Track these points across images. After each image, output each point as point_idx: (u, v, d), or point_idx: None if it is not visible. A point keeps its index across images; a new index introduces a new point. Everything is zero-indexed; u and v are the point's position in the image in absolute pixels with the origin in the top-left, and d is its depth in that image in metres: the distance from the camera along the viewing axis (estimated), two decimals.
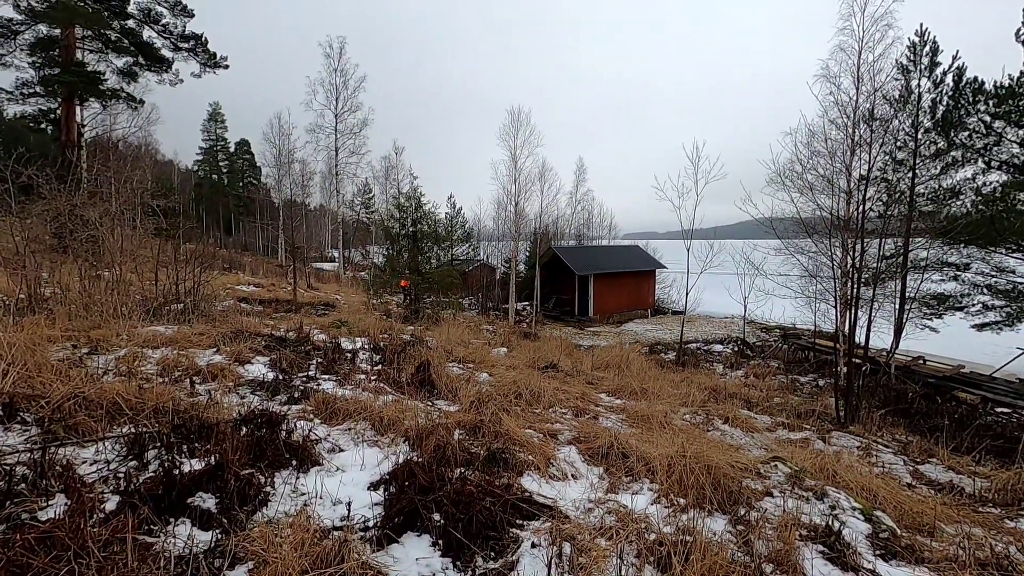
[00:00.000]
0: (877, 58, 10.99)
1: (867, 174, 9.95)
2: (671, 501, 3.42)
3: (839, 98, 11.69)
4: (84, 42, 21.52)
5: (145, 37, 22.71)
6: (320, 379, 5.50)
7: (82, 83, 19.70)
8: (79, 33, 20.83)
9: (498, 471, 3.57)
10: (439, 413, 4.72)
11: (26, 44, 20.26)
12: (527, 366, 8.86)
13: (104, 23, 19.82)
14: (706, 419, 7.17)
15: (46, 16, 18.72)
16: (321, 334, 8.88)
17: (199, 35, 23.34)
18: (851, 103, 11.09)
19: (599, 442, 4.20)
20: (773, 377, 12.92)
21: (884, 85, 12.57)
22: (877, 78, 11.36)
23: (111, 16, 21.46)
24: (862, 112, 11.13)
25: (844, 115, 11.28)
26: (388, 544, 2.58)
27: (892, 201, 15.95)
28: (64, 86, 20.01)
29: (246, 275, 25.74)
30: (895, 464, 6.50)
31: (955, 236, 15.80)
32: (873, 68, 11.30)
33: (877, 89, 11.18)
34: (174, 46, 23.24)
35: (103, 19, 19.60)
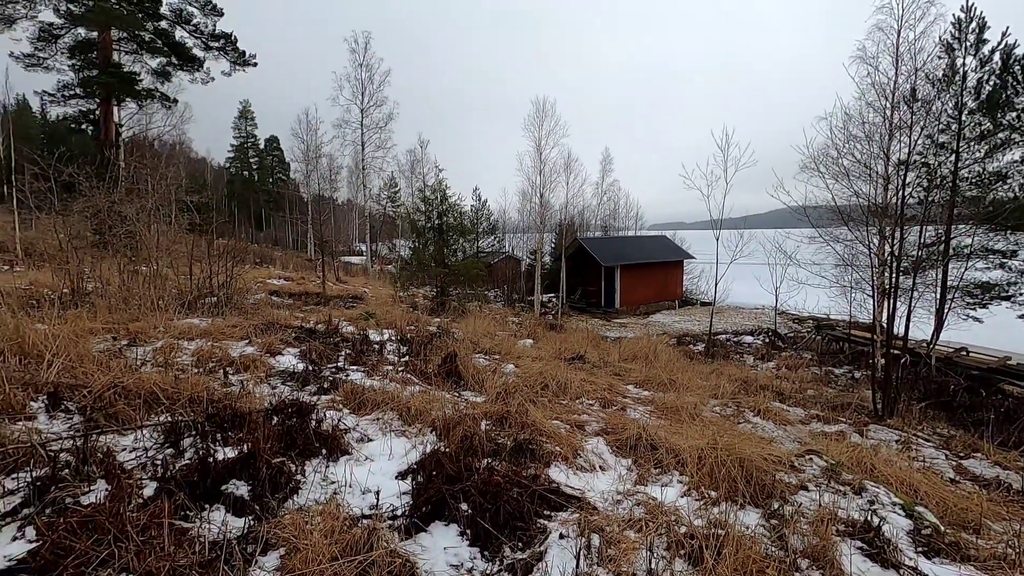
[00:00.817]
0: (918, 36, 10.49)
1: (907, 158, 9.55)
2: (702, 494, 3.35)
3: (876, 79, 11.22)
4: (120, 44, 22.18)
5: (177, 37, 23.26)
6: (348, 370, 5.57)
7: (119, 84, 20.31)
8: (115, 35, 21.47)
9: (525, 462, 3.55)
10: (465, 404, 4.73)
11: (66, 47, 20.99)
12: (553, 357, 8.82)
13: (139, 24, 20.36)
14: (736, 411, 7.02)
15: (84, 19, 19.33)
16: (349, 326, 9.00)
17: (228, 34, 23.79)
18: (889, 84, 10.63)
19: (627, 433, 4.15)
20: (806, 369, 12.60)
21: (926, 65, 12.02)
22: (918, 58, 10.87)
23: (145, 17, 22.03)
24: (902, 93, 10.66)
25: (882, 97, 10.83)
26: (416, 533, 2.59)
27: (933, 186, 15.31)
28: (102, 87, 20.67)
29: (276, 269, 26.29)
30: (937, 458, 6.26)
31: (1001, 222, 15.11)
32: (914, 47, 10.80)
33: (919, 69, 10.67)
34: (205, 45, 23.73)
35: (138, 20, 20.14)
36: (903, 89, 9.83)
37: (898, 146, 9.69)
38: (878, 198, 9.54)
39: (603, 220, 39.15)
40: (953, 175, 15.49)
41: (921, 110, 11.02)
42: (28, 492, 2.35)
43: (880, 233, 8.34)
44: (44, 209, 8.02)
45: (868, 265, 9.31)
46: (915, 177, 14.10)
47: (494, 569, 2.39)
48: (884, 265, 9.70)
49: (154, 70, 22.88)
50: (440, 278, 15.98)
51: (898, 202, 8.14)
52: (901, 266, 9.89)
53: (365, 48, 35.87)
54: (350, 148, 39.04)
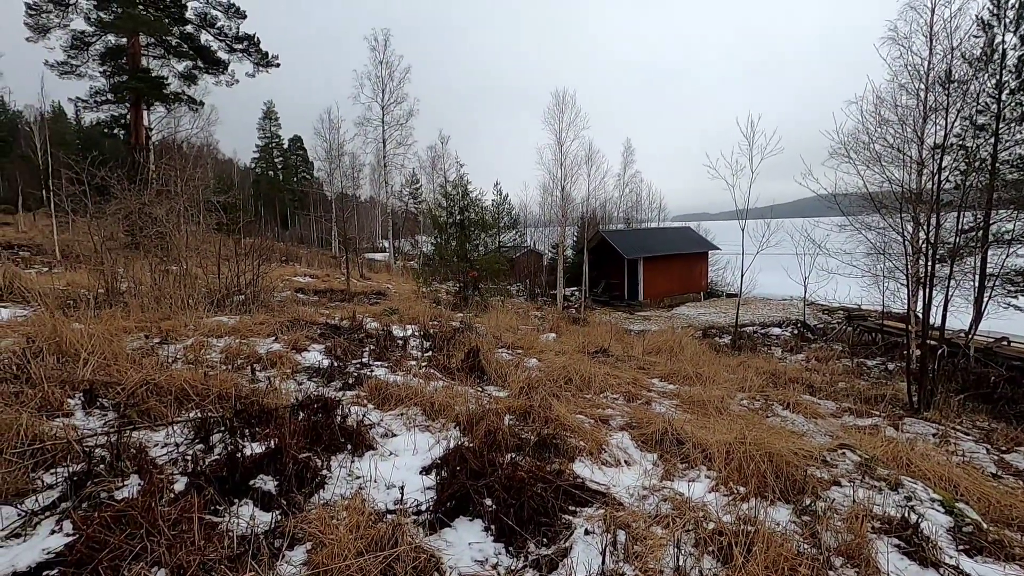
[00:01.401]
0: (954, 14, 10.05)
1: (943, 141, 9.18)
2: (730, 489, 3.29)
3: (909, 60, 10.79)
4: (148, 49, 22.73)
5: (202, 41, 23.75)
6: (373, 366, 5.62)
7: (148, 88, 20.83)
8: (143, 41, 22.00)
9: (549, 457, 3.53)
10: (489, 399, 4.73)
11: (96, 54, 21.61)
12: (576, 351, 8.76)
13: (165, 29, 20.82)
14: (765, 405, 6.88)
15: (113, 26, 19.86)
16: (373, 322, 9.09)
17: (252, 36, 24.17)
18: (923, 65, 10.21)
19: (652, 428, 4.09)
20: (837, 361, 12.28)
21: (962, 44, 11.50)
22: (954, 36, 10.40)
23: (171, 22, 22.52)
24: (936, 74, 10.23)
25: (916, 79, 10.41)
26: (441, 528, 2.60)
27: (971, 170, 14.73)
28: (131, 92, 21.24)
29: (302, 267, 26.73)
30: (976, 453, 6.04)
31: None
32: (949, 25, 10.35)
33: (955, 47, 10.21)
34: (229, 48, 24.17)
35: (164, 25, 20.59)
36: (938, 70, 9.44)
37: (933, 129, 9.32)
38: (912, 184, 9.20)
39: (625, 212, 38.74)
40: (992, 158, 14.86)
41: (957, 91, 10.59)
42: (66, 487, 2.43)
43: (914, 220, 8.04)
44: (79, 212, 8.26)
45: (901, 253, 8.99)
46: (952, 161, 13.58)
47: (519, 565, 2.38)
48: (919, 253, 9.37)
49: (181, 74, 23.39)
50: (463, 273, 16.03)
51: (934, 187, 7.82)
52: (937, 254, 9.56)
53: (385, 46, 36.03)
54: (372, 146, 39.38)
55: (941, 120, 9.31)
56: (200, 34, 23.82)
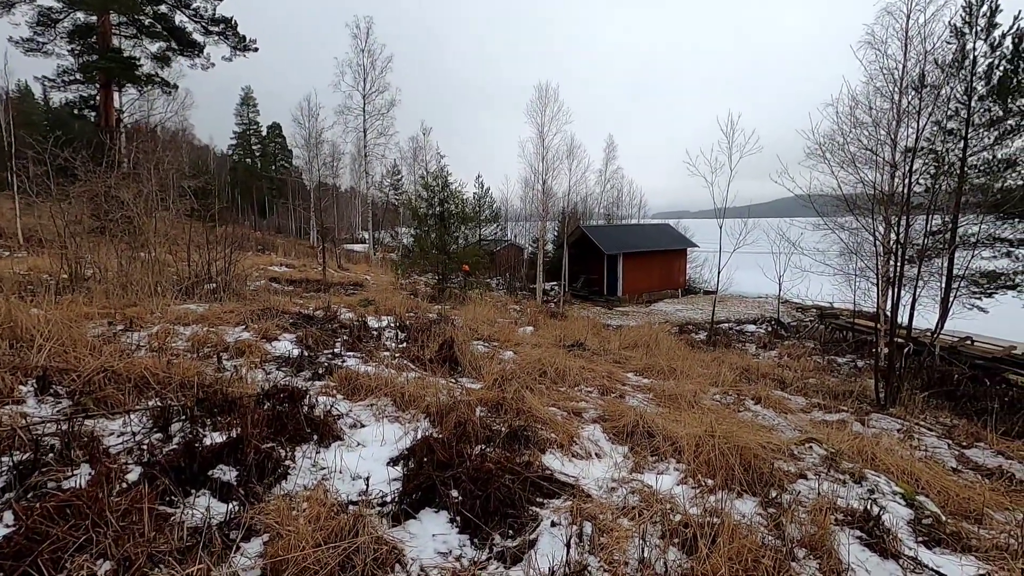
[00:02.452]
0: (928, 19, 10.22)
1: (914, 144, 9.37)
2: (698, 482, 3.30)
3: (885, 64, 10.97)
4: (120, 29, 21.97)
5: (177, 22, 23.03)
6: (345, 356, 5.53)
7: (119, 69, 20.15)
8: (114, 20, 21.25)
9: (519, 448, 3.51)
10: (462, 390, 4.68)
11: (65, 32, 20.81)
12: (553, 345, 8.77)
13: (137, 8, 20.16)
14: (737, 399, 6.97)
15: (82, 3, 19.13)
16: (348, 312, 8.96)
17: (229, 18, 23.53)
18: (898, 68, 10.40)
19: (624, 420, 4.09)
20: (808, 358, 12.52)
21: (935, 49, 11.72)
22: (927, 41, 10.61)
23: (144, 1, 21.80)
24: (910, 79, 10.42)
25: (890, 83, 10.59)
26: (405, 520, 2.55)
27: (940, 173, 15.11)
28: (101, 72, 20.51)
29: (279, 256, 26.28)
30: (939, 448, 6.20)
31: (1009, 210, 14.91)
32: (923, 31, 10.55)
33: (928, 52, 10.40)
34: (205, 30, 23.49)
35: (136, 4, 19.92)
36: (912, 74, 9.62)
37: (906, 132, 9.50)
38: (884, 185, 9.39)
39: (606, 208, 38.91)
40: (961, 162, 15.27)
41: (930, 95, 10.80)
42: (10, 476, 2.32)
43: (885, 221, 8.20)
44: (41, 195, 7.96)
45: (873, 253, 9.19)
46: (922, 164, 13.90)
47: (483, 556, 2.35)
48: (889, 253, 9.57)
49: (154, 55, 22.69)
50: (442, 265, 15.91)
51: (904, 189, 7.98)
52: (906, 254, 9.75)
53: (367, 34, 35.44)
54: (352, 135, 38.77)
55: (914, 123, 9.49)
56: (175, 15, 23.10)
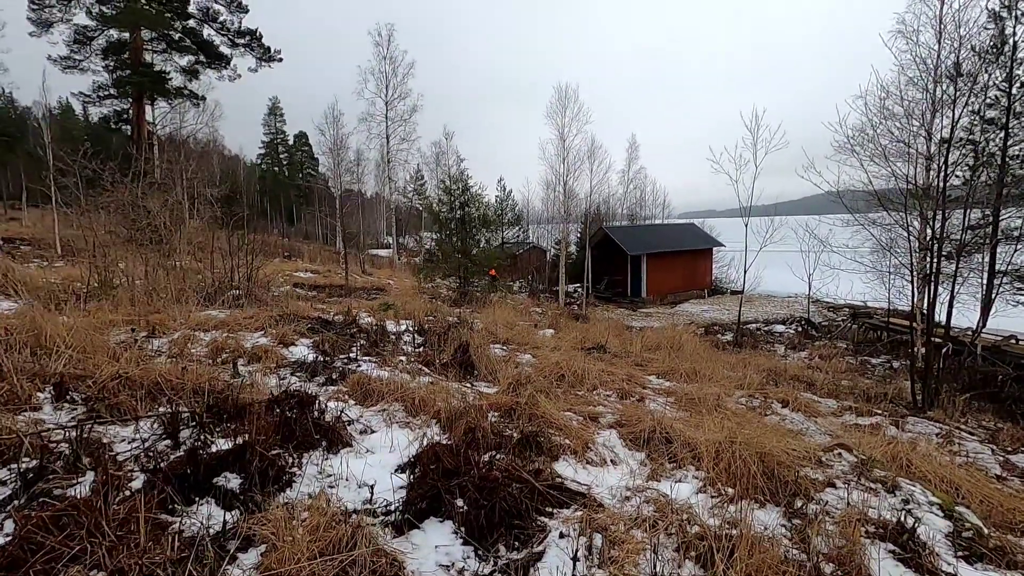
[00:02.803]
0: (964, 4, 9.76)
1: (950, 135, 8.94)
2: (718, 490, 3.16)
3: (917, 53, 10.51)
4: (151, 44, 22.71)
5: (204, 36, 23.70)
6: (361, 361, 5.52)
7: (150, 83, 20.81)
8: (146, 36, 21.98)
9: (531, 455, 3.41)
10: (475, 395, 4.61)
11: (99, 49, 21.60)
12: (573, 347, 8.64)
13: (167, 24, 20.79)
14: (763, 403, 6.73)
15: (115, 20, 19.83)
16: (368, 317, 9.00)
17: (254, 30, 24.11)
18: (932, 56, 9.95)
19: (641, 426, 3.96)
20: (840, 359, 12.10)
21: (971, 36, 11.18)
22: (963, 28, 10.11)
23: (173, 17, 22.49)
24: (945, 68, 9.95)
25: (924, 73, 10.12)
26: (409, 530, 2.48)
27: (980, 164, 14.44)
28: (133, 86, 21.23)
29: (304, 262, 26.73)
30: (981, 453, 5.87)
31: None
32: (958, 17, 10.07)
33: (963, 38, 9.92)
34: (231, 42, 24.11)
35: (166, 20, 20.56)
36: (946, 63, 9.19)
37: (940, 123, 9.09)
38: (919, 178, 8.99)
39: (629, 208, 38.48)
40: (1002, 152, 14.57)
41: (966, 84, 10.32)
42: (16, 485, 2.33)
43: (921, 216, 7.83)
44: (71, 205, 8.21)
45: (907, 250, 8.79)
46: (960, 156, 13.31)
47: (487, 569, 2.26)
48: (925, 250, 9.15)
49: (183, 68, 23.35)
50: (463, 269, 15.91)
51: (939, 183, 7.61)
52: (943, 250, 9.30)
53: (389, 41, 35.87)
54: (375, 141, 39.27)
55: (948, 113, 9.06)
56: (202, 29, 23.79)
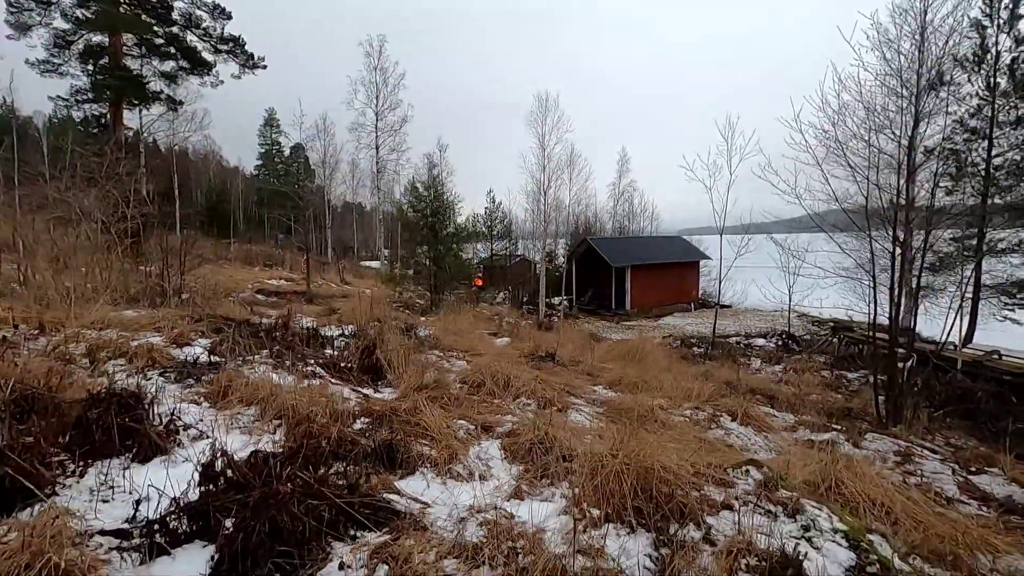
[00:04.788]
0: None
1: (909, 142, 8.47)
2: (583, 512, 2.67)
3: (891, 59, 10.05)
4: (132, 49, 22.50)
5: (187, 42, 23.50)
6: (258, 362, 5.05)
7: (126, 86, 20.55)
8: (126, 40, 21.78)
9: (380, 468, 2.94)
10: (360, 399, 4.14)
11: (78, 53, 21.38)
12: (522, 356, 8.18)
13: (145, 28, 20.60)
14: (711, 416, 6.24)
15: (92, 23, 19.63)
16: (309, 321, 8.59)
17: (237, 37, 23.91)
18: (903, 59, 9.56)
19: (525, 437, 3.48)
20: (816, 373, 11.60)
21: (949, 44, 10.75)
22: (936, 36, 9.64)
23: (157, 23, 22.34)
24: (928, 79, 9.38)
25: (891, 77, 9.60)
26: (157, 556, 2.01)
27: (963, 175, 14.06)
28: (112, 90, 20.96)
29: (284, 271, 26.35)
30: (940, 474, 5.37)
31: None
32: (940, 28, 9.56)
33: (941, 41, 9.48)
34: (214, 49, 23.90)
35: (144, 24, 20.37)
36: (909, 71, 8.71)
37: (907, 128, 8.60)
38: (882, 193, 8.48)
39: (619, 222, 38.11)
40: (987, 163, 14.21)
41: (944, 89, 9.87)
42: None
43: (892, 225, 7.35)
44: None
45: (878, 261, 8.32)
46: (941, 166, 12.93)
47: None
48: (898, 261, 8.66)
49: (162, 73, 23.15)
50: (434, 278, 15.49)
51: (904, 184, 7.16)
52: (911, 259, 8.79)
53: (380, 51, 35.83)
54: (365, 151, 39.10)
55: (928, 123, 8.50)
56: (185, 35, 23.61)
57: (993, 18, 13.85)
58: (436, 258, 15.55)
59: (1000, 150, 14.08)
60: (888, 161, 6.83)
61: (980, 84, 13.87)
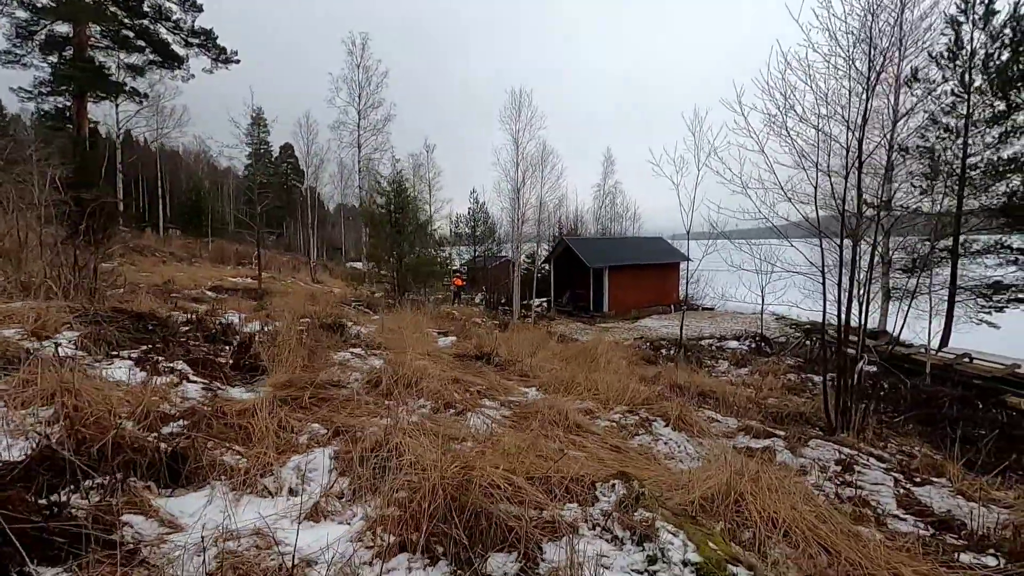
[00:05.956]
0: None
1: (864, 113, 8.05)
2: (376, 538, 2.17)
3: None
4: (99, 41, 21.94)
5: (158, 34, 22.96)
6: (121, 357, 4.53)
7: (88, 76, 19.98)
8: (92, 32, 21.21)
9: (165, 479, 2.44)
10: (207, 397, 3.63)
11: (41, 44, 20.79)
12: (458, 355, 7.70)
13: (107, 17, 20.04)
14: (641, 420, 5.76)
15: (52, 12, 19.07)
16: (235, 316, 8.11)
17: (208, 30, 23.39)
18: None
19: (365, 444, 2.98)
20: (783, 376, 11.14)
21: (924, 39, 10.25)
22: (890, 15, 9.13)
23: (127, 14, 21.80)
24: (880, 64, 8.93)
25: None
26: None
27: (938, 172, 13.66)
28: (76, 83, 20.38)
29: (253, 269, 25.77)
30: (881, 485, 4.89)
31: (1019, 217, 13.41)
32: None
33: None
34: (185, 42, 23.38)
35: (107, 14, 19.82)
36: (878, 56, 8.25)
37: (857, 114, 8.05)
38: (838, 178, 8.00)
39: (604, 223, 37.66)
40: (962, 161, 13.82)
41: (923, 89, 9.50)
42: None
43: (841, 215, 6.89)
44: None
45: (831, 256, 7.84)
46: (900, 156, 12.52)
47: None
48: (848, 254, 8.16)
49: (127, 65, 22.60)
50: (397, 275, 14.99)
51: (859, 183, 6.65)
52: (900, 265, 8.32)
53: (363, 49, 35.31)
54: (348, 150, 38.53)
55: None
56: (156, 27, 23.07)
57: (968, 13, 13.49)
58: (400, 256, 15.04)
59: (976, 148, 13.70)
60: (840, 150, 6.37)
61: (954, 81, 13.49)
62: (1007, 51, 12.98)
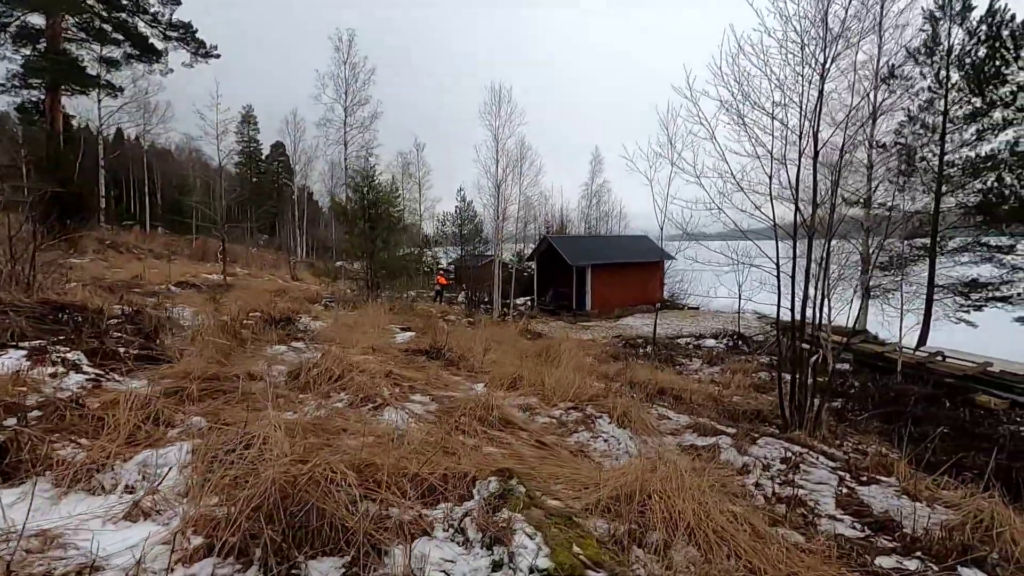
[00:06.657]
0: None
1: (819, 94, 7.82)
2: (185, 542, 1.94)
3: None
4: (75, 33, 21.59)
5: (134, 26, 22.63)
6: (16, 347, 4.28)
7: (61, 69, 19.64)
8: (67, 23, 20.87)
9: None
10: (79, 389, 3.39)
11: (12, 35, 20.43)
12: (405, 351, 7.47)
13: (80, 9, 19.70)
14: (585, 416, 5.54)
15: (24, 3, 18.72)
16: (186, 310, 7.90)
17: (187, 23, 23.11)
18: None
19: (225, 438, 2.74)
20: (754, 374, 10.96)
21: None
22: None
23: (106, 8, 21.46)
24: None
25: None
26: None
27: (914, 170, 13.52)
28: (49, 75, 20.03)
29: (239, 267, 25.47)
30: (825, 484, 4.69)
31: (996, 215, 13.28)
32: None
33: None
34: (163, 35, 23.08)
35: (78, 5, 19.47)
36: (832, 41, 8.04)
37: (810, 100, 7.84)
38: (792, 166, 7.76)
39: (593, 222, 37.43)
40: (940, 159, 13.69)
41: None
42: None
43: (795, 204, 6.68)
44: None
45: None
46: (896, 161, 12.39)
47: None
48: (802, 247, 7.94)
49: (102, 58, 22.25)
50: (370, 271, 14.74)
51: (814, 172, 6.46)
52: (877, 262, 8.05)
53: (350, 46, 35.00)
54: (334, 148, 38.21)
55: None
56: (134, 20, 22.75)
57: (946, 9, 13.35)
58: (372, 252, 14.79)
59: (953, 146, 13.56)
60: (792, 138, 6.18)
61: (931, 77, 13.36)
62: (984, 47, 12.85)
